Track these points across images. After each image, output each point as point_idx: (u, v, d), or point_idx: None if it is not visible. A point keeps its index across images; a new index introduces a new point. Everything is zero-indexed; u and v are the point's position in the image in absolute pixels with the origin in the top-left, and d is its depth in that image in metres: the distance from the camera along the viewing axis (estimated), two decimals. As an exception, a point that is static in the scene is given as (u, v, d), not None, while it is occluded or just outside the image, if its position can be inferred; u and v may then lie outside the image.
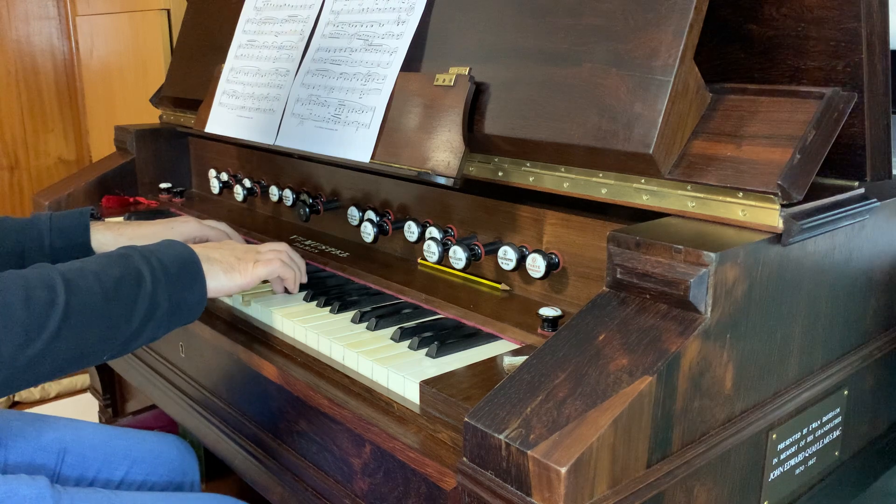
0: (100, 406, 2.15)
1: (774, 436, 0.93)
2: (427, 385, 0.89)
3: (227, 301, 1.25)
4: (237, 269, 1.07)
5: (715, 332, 0.79)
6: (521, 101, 1.06)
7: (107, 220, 1.30)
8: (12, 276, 0.86)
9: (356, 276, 1.29)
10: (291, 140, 1.37)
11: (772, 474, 0.95)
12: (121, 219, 1.74)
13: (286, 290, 1.21)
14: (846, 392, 1.06)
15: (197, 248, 1.05)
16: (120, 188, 1.94)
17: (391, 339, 1.03)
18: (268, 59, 1.50)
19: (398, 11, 1.26)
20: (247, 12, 1.62)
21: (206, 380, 1.26)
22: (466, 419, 0.76)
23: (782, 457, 0.96)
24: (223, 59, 1.63)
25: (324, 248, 1.44)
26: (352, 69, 1.30)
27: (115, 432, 1.38)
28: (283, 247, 1.17)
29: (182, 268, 0.99)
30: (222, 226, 1.35)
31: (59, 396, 2.67)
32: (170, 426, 1.94)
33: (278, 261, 1.13)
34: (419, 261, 1.32)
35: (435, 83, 1.15)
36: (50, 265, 0.91)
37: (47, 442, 1.27)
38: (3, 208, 3.06)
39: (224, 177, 1.82)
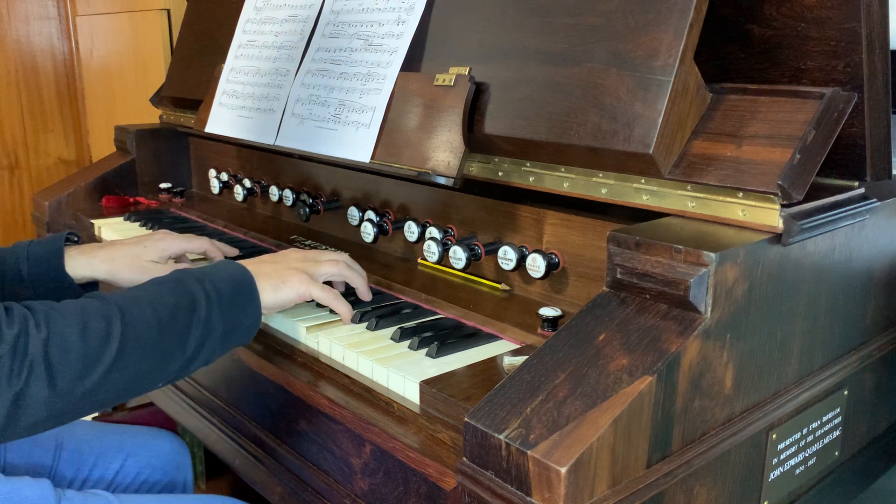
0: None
1: (774, 436, 0.93)
2: (427, 385, 0.89)
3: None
4: (287, 284, 1.03)
5: (715, 332, 0.79)
6: (521, 101, 1.06)
7: (84, 242, 1.28)
8: (69, 307, 0.85)
9: (356, 276, 1.29)
10: (291, 140, 1.37)
11: (772, 474, 0.95)
12: (120, 219, 1.74)
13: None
14: (846, 392, 1.06)
15: (249, 264, 1.02)
16: (120, 188, 1.94)
17: (391, 339, 1.03)
18: (268, 59, 1.50)
19: (398, 11, 1.26)
20: (247, 12, 1.62)
21: (206, 379, 1.26)
22: (466, 419, 0.76)
23: (782, 457, 0.96)
24: (223, 59, 1.63)
25: (324, 248, 1.44)
26: (352, 69, 1.30)
27: (108, 428, 1.39)
28: (341, 257, 1.12)
29: (236, 289, 0.97)
30: (202, 241, 1.30)
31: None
32: (167, 424, 1.94)
33: (333, 295, 1.07)
34: (419, 261, 1.32)
35: (435, 83, 1.15)
36: (106, 294, 0.90)
37: (43, 439, 1.27)
38: (3, 208, 3.07)
39: (224, 177, 1.82)
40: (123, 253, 1.22)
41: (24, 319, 0.80)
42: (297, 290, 1.04)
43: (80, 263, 1.20)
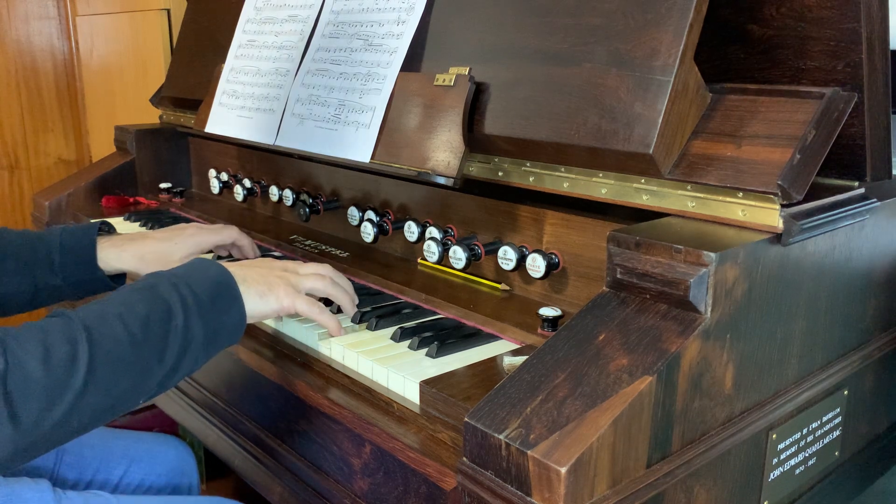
0: (100, 406, 2.14)
1: (774, 436, 0.93)
2: (427, 385, 0.89)
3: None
4: (273, 293, 0.98)
5: (715, 332, 0.79)
6: (522, 101, 1.06)
7: (116, 232, 1.29)
8: (29, 332, 0.79)
9: (356, 276, 1.29)
10: (291, 140, 1.37)
11: (772, 474, 0.95)
12: (120, 219, 1.74)
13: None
14: (846, 392, 1.06)
15: (232, 268, 0.98)
16: (120, 188, 1.94)
17: (391, 339, 1.03)
18: (268, 59, 1.50)
19: (398, 11, 1.26)
20: (247, 12, 1.62)
21: (207, 380, 1.26)
22: (466, 419, 0.76)
23: (782, 457, 0.96)
24: (223, 59, 1.63)
25: (324, 248, 1.44)
26: (352, 69, 1.30)
27: (112, 433, 1.38)
28: (326, 271, 1.07)
29: (216, 292, 0.92)
30: (230, 230, 1.29)
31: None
32: (169, 426, 1.94)
33: (320, 303, 1.03)
34: (419, 261, 1.32)
35: (435, 83, 1.15)
36: (70, 311, 0.84)
37: None
38: (3, 208, 3.06)
39: (224, 177, 1.82)
40: (153, 249, 1.22)
41: None
42: (282, 303, 0.99)
43: (111, 256, 1.20)
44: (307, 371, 1.04)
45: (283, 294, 0.99)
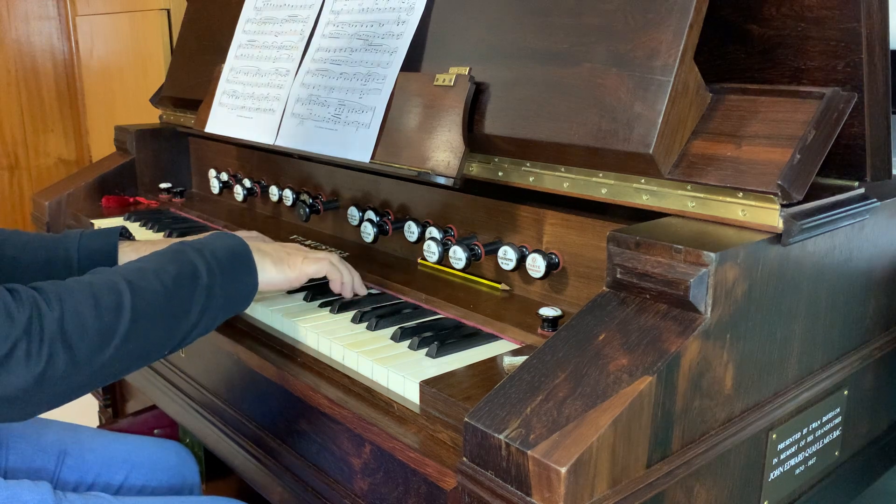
0: (99, 406, 2.15)
1: (774, 436, 0.93)
2: (427, 385, 0.89)
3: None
4: (286, 263, 1.09)
5: (715, 332, 0.79)
6: (522, 101, 1.06)
7: (137, 239, 1.28)
8: (79, 284, 0.87)
9: (356, 276, 1.29)
10: (291, 140, 1.37)
11: (772, 474, 0.95)
12: (120, 219, 1.74)
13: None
14: (846, 392, 1.06)
15: (249, 241, 1.07)
16: (120, 188, 1.94)
17: (391, 339, 1.03)
18: (268, 58, 1.50)
19: (398, 11, 1.26)
20: (247, 12, 1.62)
21: (207, 380, 1.26)
22: (466, 419, 0.76)
23: (782, 457, 0.96)
24: (223, 59, 1.63)
25: (324, 248, 1.44)
26: (352, 69, 1.30)
27: (113, 437, 1.37)
28: (332, 256, 1.18)
29: (234, 258, 1.01)
30: (254, 234, 1.33)
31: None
32: (170, 426, 1.94)
33: (327, 261, 1.14)
34: (419, 261, 1.32)
35: (435, 83, 1.15)
36: (109, 269, 0.93)
37: (47, 444, 1.26)
38: (3, 208, 3.07)
39: (224, 177, 1.82)
40: None
41: (33, 300, 0.81)
42: (295, 272, 1.09)
43: (134, 259, 1.21)
44: (306, 370, 1.04)
45: (292, 263, 1.09)
